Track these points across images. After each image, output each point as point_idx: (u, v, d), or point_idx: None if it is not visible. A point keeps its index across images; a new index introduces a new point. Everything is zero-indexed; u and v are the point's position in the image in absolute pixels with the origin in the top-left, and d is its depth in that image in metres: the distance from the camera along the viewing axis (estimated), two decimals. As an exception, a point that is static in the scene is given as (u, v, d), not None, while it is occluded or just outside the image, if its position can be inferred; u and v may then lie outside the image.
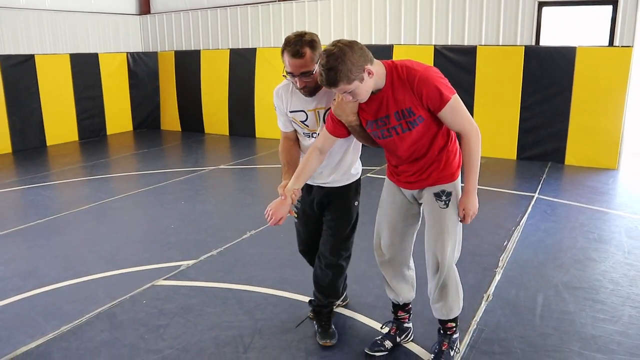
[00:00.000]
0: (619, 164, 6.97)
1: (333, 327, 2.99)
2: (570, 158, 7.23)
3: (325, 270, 2.83)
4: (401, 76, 2.26)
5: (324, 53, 2.16)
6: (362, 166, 2.89)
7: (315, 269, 2.92)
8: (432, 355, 2.67)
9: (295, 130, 2.76)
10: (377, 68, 2.25)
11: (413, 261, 2.79)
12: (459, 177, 2.49)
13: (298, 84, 2.46)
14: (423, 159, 2.43)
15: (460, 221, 2.50)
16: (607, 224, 4.91)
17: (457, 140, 2.47)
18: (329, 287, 2.90)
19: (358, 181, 2.85)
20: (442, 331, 2.68)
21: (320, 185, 2.78)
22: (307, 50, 2.37)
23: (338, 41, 2.17)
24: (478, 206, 2.47)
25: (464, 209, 2.45)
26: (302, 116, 2.64)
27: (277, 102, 2.70)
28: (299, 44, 2.37)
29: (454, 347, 2.68)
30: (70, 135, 9.69)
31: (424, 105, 2.27)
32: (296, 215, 2.90)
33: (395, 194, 2.61)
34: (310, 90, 2.52)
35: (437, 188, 2.46)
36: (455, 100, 2.26)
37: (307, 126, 2.67)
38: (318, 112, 2.62)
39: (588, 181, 6.37)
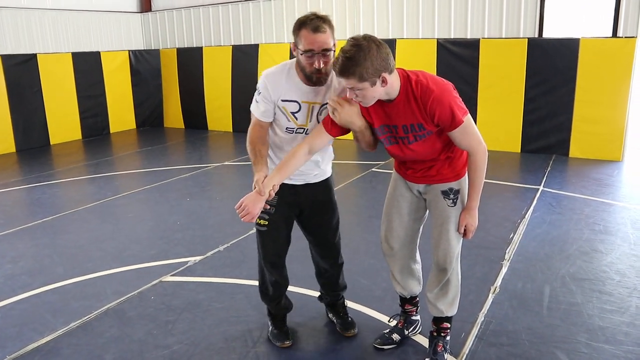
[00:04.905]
0: (623, 155, 6.95)
1: (351, 317, 3.02)
2: (574, 150, 7.22)
3: (336, 267, 2.88)
4: (415, 93, 2.21)
5: (351, 40, 2.10)
6: (367, 161, 2.89)
7: (323, 270, 2.90)
8: (428, 358, 2.67)
9: (271, 123, 2.51)
10: (393, 79, 2.19)
11: (419, 255, 2.79)
12: (465, 175, 2.49)
13: (316, 63, 2.28)
14: (429, 162, 2.44)
15: (463, 237, 2.51)
16: (612, 216, 4.90)
17: None
18: (341, 281, 2.95)
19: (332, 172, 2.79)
20: (436, 333, 2.68)
21: (306, 182, 2.63)
22: (327, 27, 2.27)
23: (370, 36, 2.13)
24: (477, 221, 2.48)
25: (465, 225, 2.46)
26: (295, 107, 2.42)
27: (268, 87, 2.40)
28: (319, 20, 2.26)
29: (447, 349, 2.69)
30: (73, 133, 9.72)
31: (435, 123, 2.25)
32: (266, 222, 2.59)
33: (402, 187, 2.61)
34: (326, 73, 2.35)
35: (445, 186, 2.46)
36: (467, 122, 2.24)
37: (296, 119, 2.44)
38: (313, 106, 2.44)
39: (593, 173, 6.36)
